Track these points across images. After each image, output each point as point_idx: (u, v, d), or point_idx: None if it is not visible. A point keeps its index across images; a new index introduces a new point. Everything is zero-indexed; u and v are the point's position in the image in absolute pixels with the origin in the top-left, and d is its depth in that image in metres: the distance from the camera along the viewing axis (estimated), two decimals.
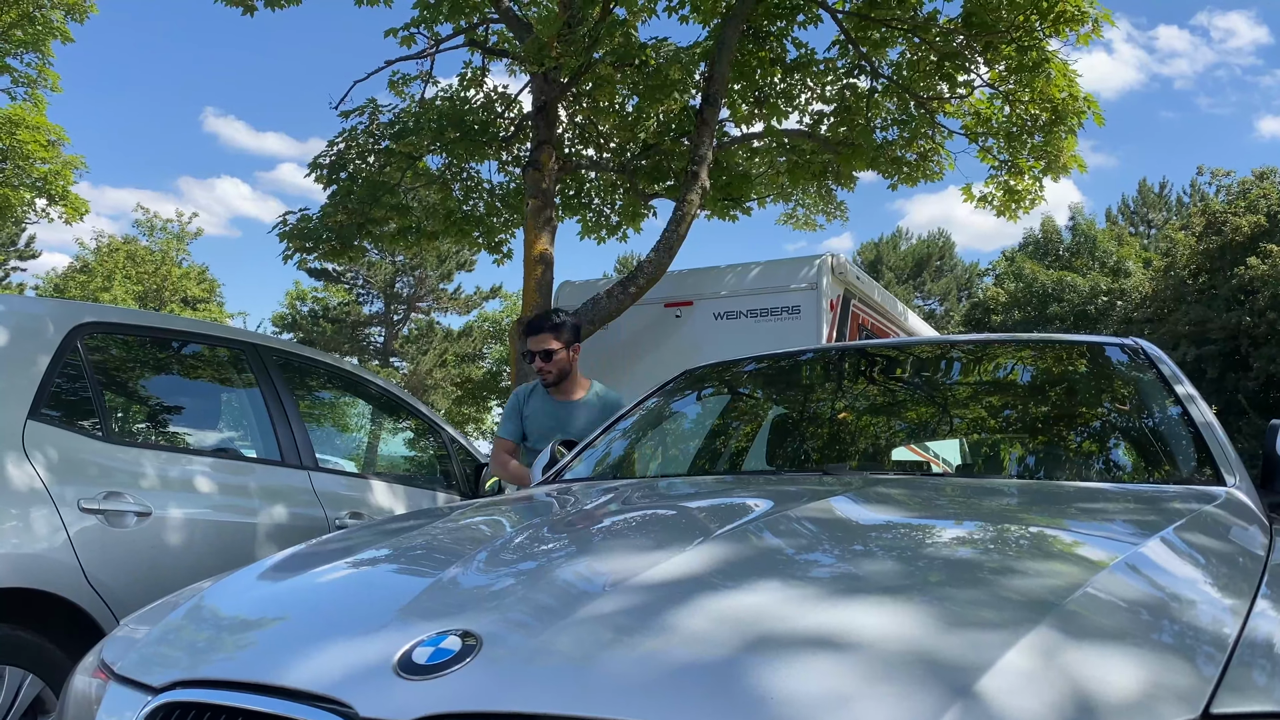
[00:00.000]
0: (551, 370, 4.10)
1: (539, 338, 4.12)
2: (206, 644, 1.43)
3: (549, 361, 4.10)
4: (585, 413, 4.12)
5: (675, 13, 9.27)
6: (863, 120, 9.50)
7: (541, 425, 4.11)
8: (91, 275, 29.98)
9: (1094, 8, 8.18)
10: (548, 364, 4.11)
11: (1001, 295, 29.17)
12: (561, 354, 4.11)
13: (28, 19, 15.34)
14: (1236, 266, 21.24)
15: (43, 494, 2.86)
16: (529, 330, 4.20)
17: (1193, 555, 1.47)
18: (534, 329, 4.17)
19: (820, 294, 7.41)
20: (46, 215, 16.74)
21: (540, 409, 4.18)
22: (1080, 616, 1.13)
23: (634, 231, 11.00)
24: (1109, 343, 2.84)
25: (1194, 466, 2.16)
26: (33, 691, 2.75)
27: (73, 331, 3.17)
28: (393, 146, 9.31)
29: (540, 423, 4.14)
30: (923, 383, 3.07)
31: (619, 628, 1.15)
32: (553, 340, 4.09)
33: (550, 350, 4.09)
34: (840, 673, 1.01)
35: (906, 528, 1.66)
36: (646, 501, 2.05)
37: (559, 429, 3.98)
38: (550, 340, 4.10)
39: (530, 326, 4.21)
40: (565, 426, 4.02)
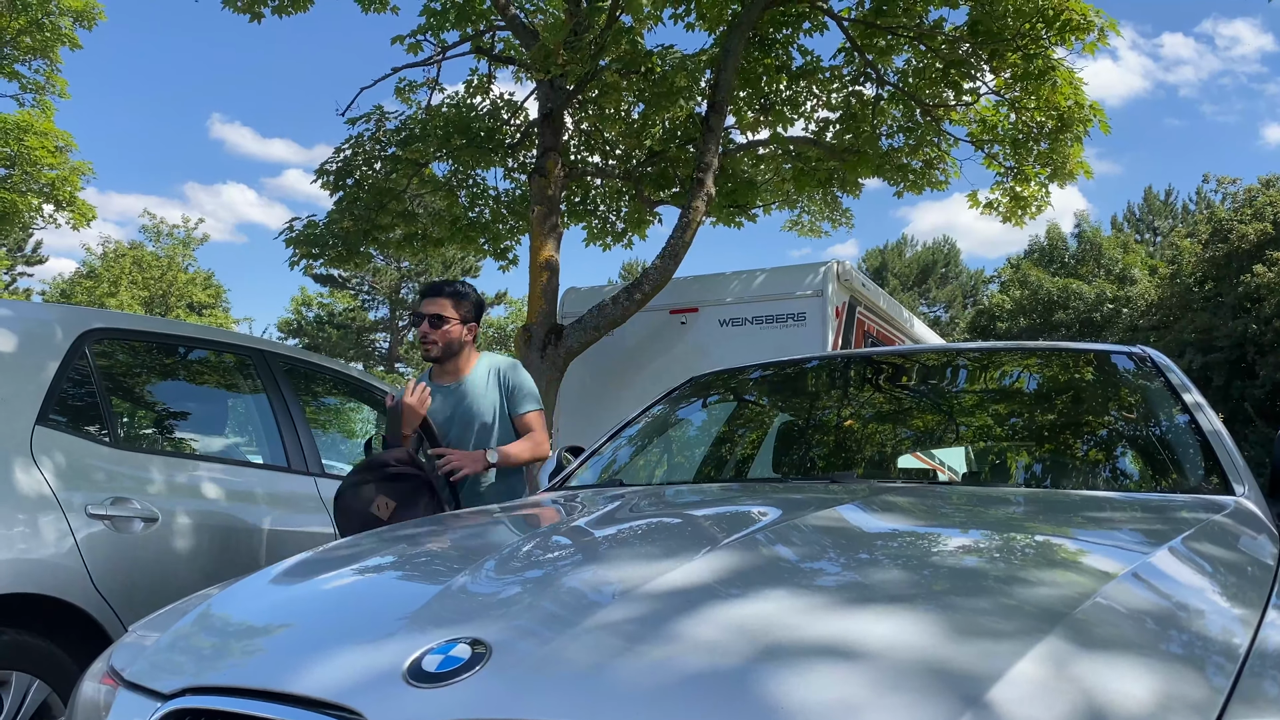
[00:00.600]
0: (437, 342, 3.54)
1: (435, 300, 3.57)
2: (216, 651, 1.43)
3: (437, 329, 3.54)
4: (474, 391, 3.60)
5: (681, 20, 9.28)
6: (868, 127, 9.51)
7: (436, 419, 3.55)
8: (98, 281, 30.07)
9: (1100, 16, 8.18)
10: (435, 332, 3.54)
11: (1007, 302, 29.13)
12: (454, 327, 3.57)
13: (36, 26, 15.42)
14: (1243, 274, 21.18)
15: (50, 500, 2.87)
16: (426, 291, 3.66)
17: (1202, 565, 1.46)
18: (433, 290, 3.63)
19: (826, 301, 7.41)
20: (54, 221, 16.82)
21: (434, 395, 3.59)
22: (1091, 626, 1.13)
23: (639, 238, 11.03)
24: (1116, 351, 2.84)
25: (1202, 475, 2.15)
26: (39, 697, 2.75)
27: (80, 337, 3.18)
28: (399, 153, 9.34)
29: (435, 417, 3.56)
30: (929, 391, 3.07)
31: (629, 636, 1.15)
32: (450, 307, 3.56)
33: (443, 318, 3.54)
34: (851, 681, 1.01)
35: (916, 536, 1.66)
36: (654, 509, 2.05)
37: (454, 420, 3.56)
38: (447, 306, 3.56)
39: (430, 287, 3.67)
40: (458, 416, 3.56)
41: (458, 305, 3.58)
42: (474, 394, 3.58)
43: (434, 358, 3.58)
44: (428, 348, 3.56)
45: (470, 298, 3.64)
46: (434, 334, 3.54)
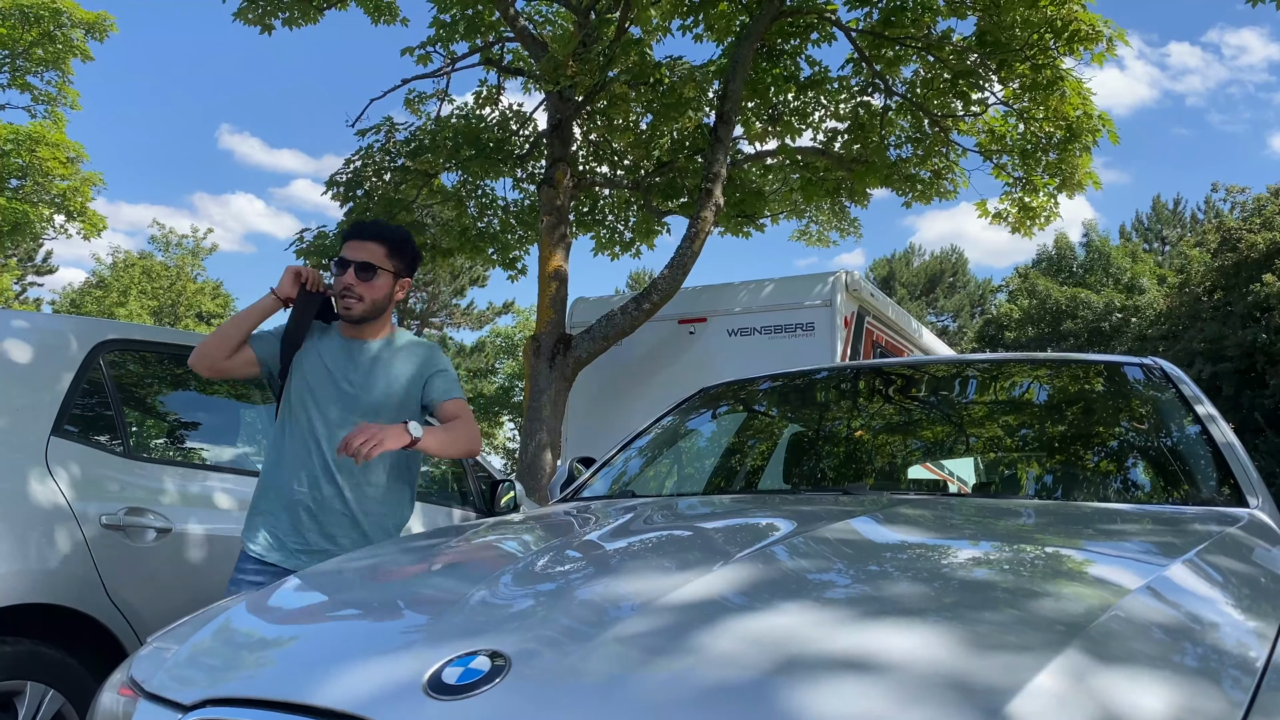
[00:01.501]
0: (362, 297, 2.75)
1: (365, 245, 2.77)
2: (236, 662, 1.44)
3: (366, 281, 2.75)
4: (388, 357, 2.85)
5: (689, 31, 9.33)
6: (876, 138, 9.52)
7: (316, 366, 2.80)
8: (107, 290, 30.19)
9: (1108, 26, 8.19)
10: (363, 284, 2.75)
11: (1015, 312, 29.07)
12: (385, 281, 2.79)
13: (49, 38, 15.53)
14: (1252, 284, 21.11)
15: (65, 510, 2.89)
16: (355, 232, 2.83)
17: (1218, 578, 1.46)
18: (363, 231, 2.81)
19: (834, 311, 7.41)
20: (65, 231, 16.90)
21: (320, 345, 2.84)
22: (1108, 640, 1.13)
23: (647, 248, 11.05)
24: (1128, 362, 2.84)
25: (1215, 487, 2.15)
26: (54, 707, 2.76)
27: (94, 348, 3.20)
28: (409, 164, 9.39)
29: (317, 362, 2.80)
30: (940, 402, 3.07)
31: (648, 648, 1.16)
32: (384, 255, 2.78)
33: (374, 267, 2.76)
34: (871, 694, 1.02)
35: (931, 549, 1.66)
36: (668, 521, 2.05)
37: (353, 381, 2.78)
38: (380, 254, 2.77)
39: (360, 227, 2.84)
40: (360, 377, 2.79)
41: (394, 254, 2.80)
42: (387, 360, 2.84)
43: (356, 318, 2.79)
44: (349, 304, 2.76)
45: (410, 246, 2.88)
46: (361, 286, 2.75)
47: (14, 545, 2.74)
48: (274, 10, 9.20)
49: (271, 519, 2.76)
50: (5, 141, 15.25)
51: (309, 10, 9.33)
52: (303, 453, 2.75)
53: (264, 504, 2.79)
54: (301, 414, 2.78)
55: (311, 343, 2.83)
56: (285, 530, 2.74)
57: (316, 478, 2.73)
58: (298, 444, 2.76)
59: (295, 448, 2.76)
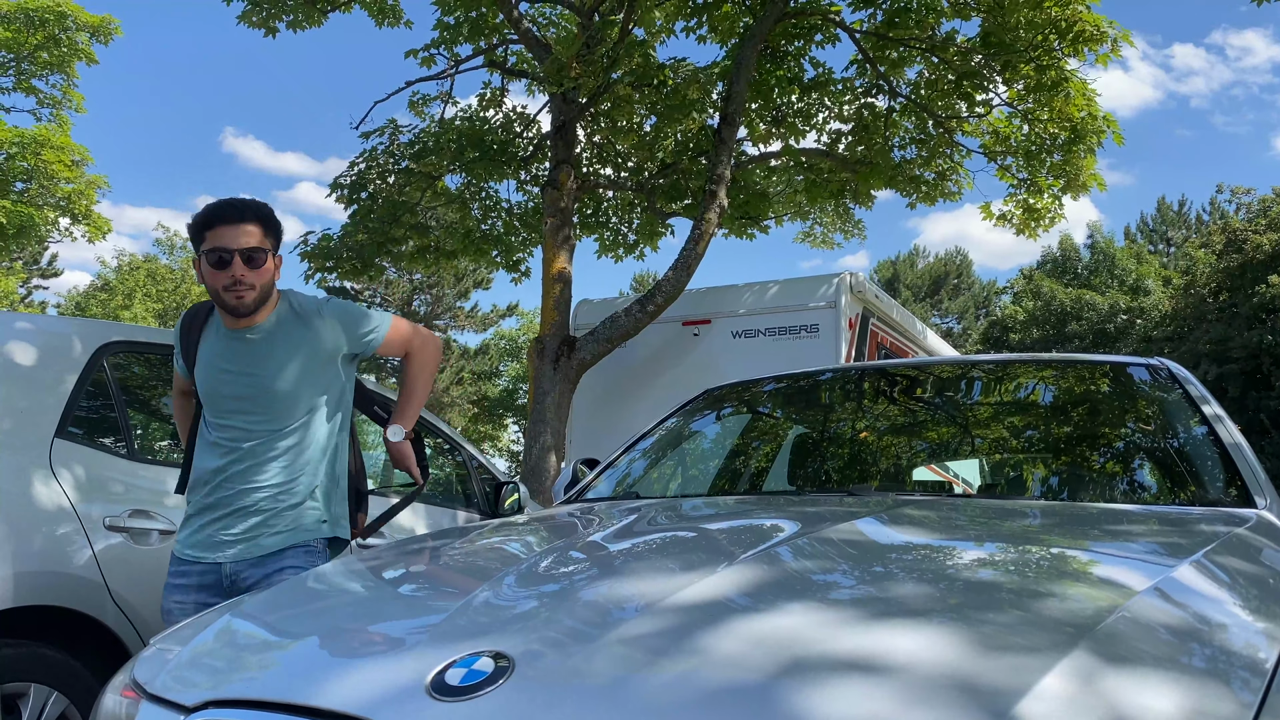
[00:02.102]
0: (254, 286, 2.50)
1: (243, 228, 2.49)
2: (238, 664, 1.43)
3: (255, 270, 2.50)
4: (280, 340, 2.61)
5: (693, 33, 9.33)
6: (881, 139, 9.52)
7: (210, 374, 2.61)
8: (112, 293, 30.27)
9: (1113, 27, 8.18)
10: (253, 273, 2.49)
11: (1020, 313, 29.05)
12: (270, 262, 2.56)
13: (54, 41, 15.57)
14: (1258, 285, 21.07)
15: (69, 512, 2.89)
16: (224, 214, 2.51)
17: (1227, 579, 1.45)
18: (235, 213, 2.51)
19: (839, 312, 7.41)
20: (69, 234, 16.94)
21: (213, 348, 2.62)
22: (1116, 641, 1.12)
23: (651, 250, 11.05)
24: (1134, 363, 2.83)
25: (1223, 488, 2.14)
26: (57, 709, 2.76)
27: (98, 350, 3.20)
28: (412, 166, 9.40)
29: (209, 370, 2.61)
30: (945, 403, 3.06)
31: (652, 650, 1.15)
32: (262, 234, 2.53)
33: (262, 250, 2.52)
34: (878, 696, 1.01)
35: (937, 550, 1.66)
36: (672, 522, 2.05)
37: (254, 380, 2.58)
38: (259, 233, 2.52)
39: (229, 209, 2.52)
40: (263, 374, 2.58)
41: (269, 231, 2.57)
42: (283, 344, 2.62)
43: (251, 309, 2.55)
44: (241, 295, 2.49)
45: (276, 217, 2.63)
46: (251, 275, 2.49)
47: (17, 547, 2.74)
48: (278, 13, 9.21)
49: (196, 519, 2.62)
50: (10, 145, 15.29)
51: (313, 13, 9.35)
52: (217, 454, 2.61)
53: (190, 506, 2.66)
54: (213, 419, 2.63)
55: (203, 350, 2.65)
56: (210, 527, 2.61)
57: (231, 478, 2.60)
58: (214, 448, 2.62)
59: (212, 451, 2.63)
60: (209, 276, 2.52)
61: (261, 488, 2.60)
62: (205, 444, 2.66)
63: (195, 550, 2.60)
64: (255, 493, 2.60)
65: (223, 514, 2.60)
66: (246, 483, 2.60)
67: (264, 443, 2.60)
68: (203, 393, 2.64)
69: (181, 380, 2.78)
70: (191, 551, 2.61)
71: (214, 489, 2.61)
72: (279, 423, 2.62)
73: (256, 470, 2.60)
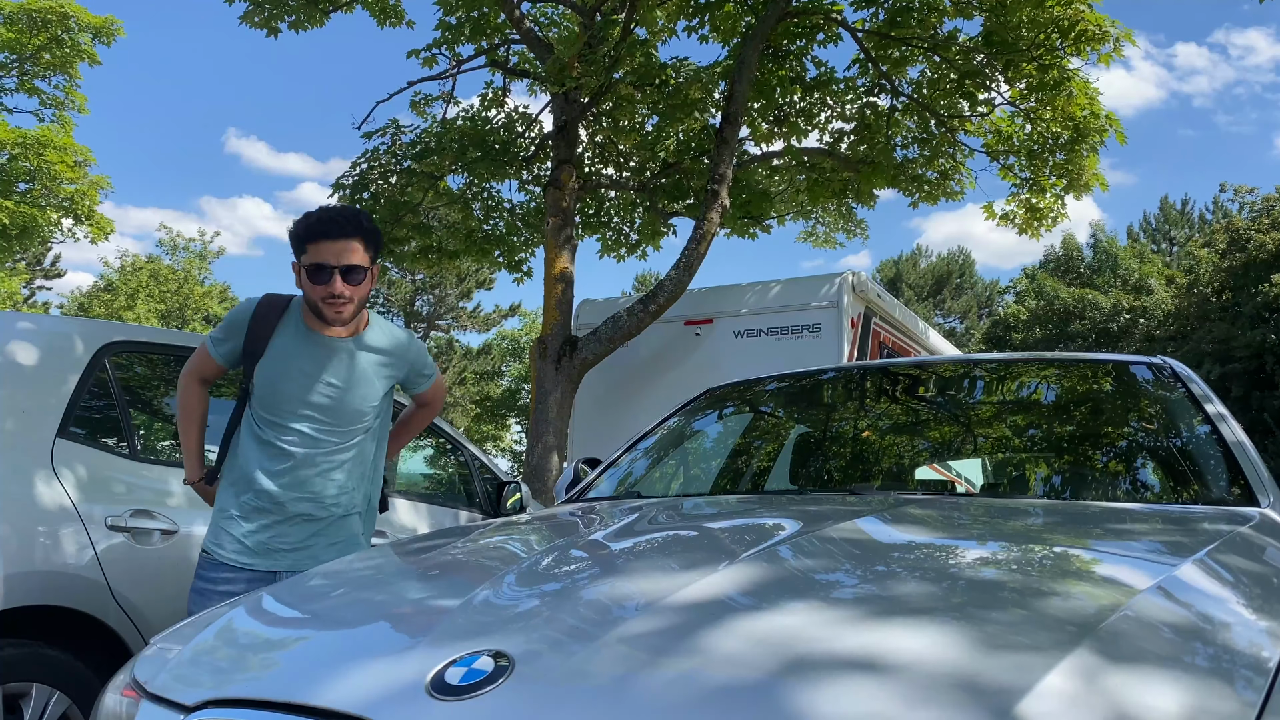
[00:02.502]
0: (351, 302, 2.54)
1: (347, 244, 2.50)
2: (238, 663, 1.43)
3: (356, 285, 2.53)
4: (370, 358, 2.67)
5: (695, 33, 9.32)
6: (883, 138, 9.51)
7: (282, 373, 2.58)
8: (115, 294, 30.27)
9: (1115, 26, 8.17)
10: (352, 288, 2.52)
11: (1022, 313, 29.01)
12: (370, 277, 2.59)
13: (56, 42, 15.59)
14: (1261, 284, 21.04)
15: (71, 512, 2.89)
16: (327, 228, 2.51)
17: (1230, 578, 1.45)
18: (337, 227, 2.51)
19: (841, 312, 7.40)
20: (72, 235, 16.96)
21: (290, 347, 2.60)
22: (1119, 640, 1.11)
23: (653, 250, 11.05)
24: (1137, 361, 2.82)
25: (1226, 487, 2.14)
26: (59, 709, 2.76)
27: (100, 350, 3.20)
28: (414, 166, 9.39)
29: (282, 368, 2.58)
30: (947, 402, 3.06)
31: (653, 649, 1.15)
32: (363, 250, 2.54)
33: (362, 269, 2.54)
34: (879, 695, 1.00)
35: (939, 549, 1.65)
36: (674, 522, 2.04)
37: (333, 384, 2.60)
38: (360, 249, 2.53)
39: (331, 221, 2.52)
40: (342, 380, 2.61)
41: (369, 244, 2.57)
42: (368, 361, 2.67)
43: (346, 321, 2.60)
44: (340, 310, 2.53)
45: (375, 228, 2.63)
46: (349, 290, 2.52)
47: (20, 547, 2.75)
48: (280, 13, 9.21)
49: (245, 523, 2.57)
50: (13, 145, 15.31)
51: (315, 13, 9.35)
52: (277, 458, 2.59)
53: (235, 508, 2.60)
54: (275, 419, 2.60)
55: (277, 346, 2.60)
56: (264, 534, 2.58)
57: (300, 482, 2.59)
58: (270, 449, 2.59)
59: (268, 452, 2.59)
60: (307, 288, 2.55)
61: (321, 497, 2.61)
62: (256, 442, 2.61)
63: (245, 556, 2.56)
64: (315, 501, 2.61)
65: (278, 520, 2.58)
66: (306, 491, 2.60)
67: (327, 453, 2.62)
68: (267, 390, 2.59)
69: (212, 366, 2.69)
70: (241, 558, 2.56)
71: (267, 494, 2.58)
72: (344, 436, 2.65)
73: (319, 479, 2.61)
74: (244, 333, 2.62)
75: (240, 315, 2.64)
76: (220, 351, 2.66)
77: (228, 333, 2.65)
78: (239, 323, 2.63)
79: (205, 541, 2.64)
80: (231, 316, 2.66)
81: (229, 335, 2.64)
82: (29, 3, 15.29)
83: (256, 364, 2.60)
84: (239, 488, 2.61)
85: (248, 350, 2.61)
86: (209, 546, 2.61)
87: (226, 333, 2.65)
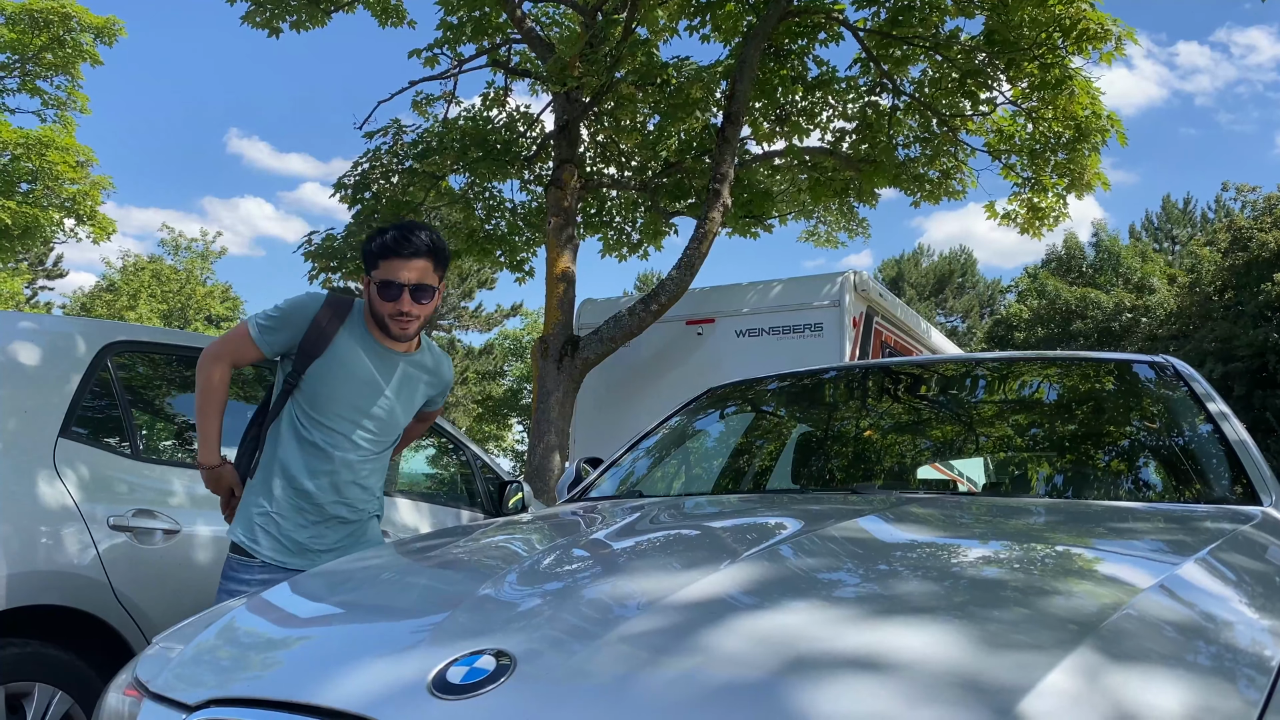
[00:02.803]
0: (418, 319, 2.61)
1: (417, 264, 2.56)
2: (240, 662, 1.43)
3: (423, 303, 2.60)
4: (417, 374, 2.76)
5: (697, 32, 9.32)
6: (885, 138, 9.50)
7: (342, 376, 2.61)
8: (117, 294, 30.30)
9: (1117, 25, 8.16)
10: (419, 306, 2.59)
11: (1024, 312, 28.99)
12: (434, 298, 2.65)
13: (58, 42, 15.60)
14: (1263, 282, 21.02)
15: (73, 511, 2.89)
16: (399, 248, 2.55)
17: (1232, 577, 1.45)
18: (411, 247, 2.55)
19: (843, 311, 7.39)
20: (74, 235, 16.98)
21: (350, 353, 2.62)
22: (1121, 638, 1.11)
23: (655, 249, 11.05)
24: (1139, 360, 2.82)
25: (1228, 485, 2.13)
26: (62, 708, 2.76)
27: (102, 350, 3.20)
28: (416, 166, 9.40)
29: (341, 370, 2.61)
30: (949, 401, 3.05)
31: (654, 648, 1.15)
32: (432, 269, 2.60)
33: (431, 289, 2.61)
34: (881, 694, 1.00)
35: (941, 547, 1.65)
36: (675, 521, 2.04)
37: (387, 394, 2.67)
38: (429, 268, 2.59)
39: (405, 242, 2.56)
40: (393, 391, 2.69)
41: (439, 264, 2.63)
42: (415, 377, 2.77)
43: (409, 339, 2.68)
44: (405, 326, 2.60)
45: (445, 247, 2.68)
46: (417, 309, 2.59)
47: (22, 547, 2.74)
48: (281, 13, 9.22)
49: (283, 521, 2.60)
50: (15, 146, 15.32)
51: (316, 13, 9.36)
52: (320, 459, 2.61)
53: (273, 505, 2.61)
54: (324, 420, 2.62)
55: (344, 346, 2.61)
56: (302, 534, 2.61)
57: (338, 485, 2.63)
58: (315, 450, 2.62)
59: (311, 452, 2.62)
60: (376, 302, 2.60)
61: (356, 501, 2.69)
62: (298, 440, 2.63)
63: (282, 555, 2.59)
64: (350, 505, 2.68)
65: (315, 521, 2.63)
66: (345, 495, 2.65)
67: (365, 459, 2.69)
68: (320, 390, 2.60)
69: (251, 353, 2.64)
70: (279, 556, 2.59)
71: (308, 494, 2.61)
72: (382, 445, 2.74)
73: (356, 484, 2.68)
74: (305, 328, 2.60)
75: (303, 309, 2.62)
76: (269, 340, 2.62)
77: (284, 324, 2.61)
78: (300, 317, 2.61)
79: (236, 536, 2.62)
80: (291, 308, 2.62)
81: (285, 326, 2.61)
82: (31, 3, 15.30)
83: (311, 362, 2.60)
84: (278, 485, 2.62)
85: (304, 347, 2.60)
86: (244, 543, 2.60)
87: (282, 323, 2.61)
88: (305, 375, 2.61)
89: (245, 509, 2.66)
